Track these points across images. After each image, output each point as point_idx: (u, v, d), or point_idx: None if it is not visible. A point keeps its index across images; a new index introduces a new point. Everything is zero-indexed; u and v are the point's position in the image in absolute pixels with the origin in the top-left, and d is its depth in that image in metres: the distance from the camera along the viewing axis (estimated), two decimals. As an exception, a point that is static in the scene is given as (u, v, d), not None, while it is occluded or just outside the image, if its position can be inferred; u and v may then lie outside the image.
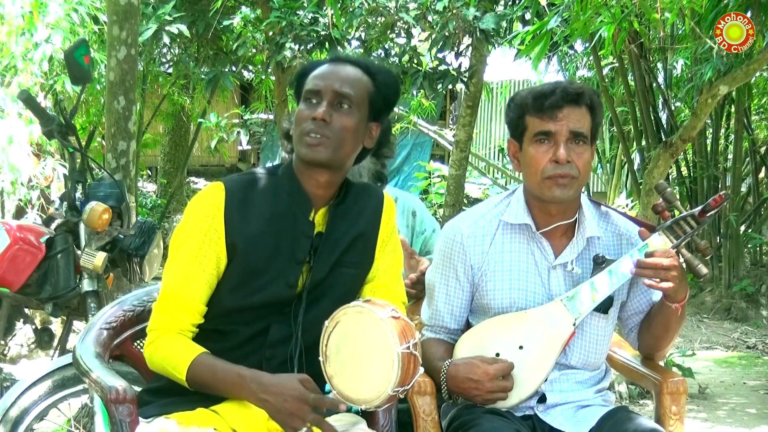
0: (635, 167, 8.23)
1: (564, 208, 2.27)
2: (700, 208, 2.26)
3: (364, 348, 1.83)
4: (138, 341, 2.31)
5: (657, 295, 2.29)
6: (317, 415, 1.83)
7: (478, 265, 2.31)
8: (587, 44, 6.91)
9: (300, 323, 2.01)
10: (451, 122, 14.45)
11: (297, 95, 2.10)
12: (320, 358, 1.89)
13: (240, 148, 14.72)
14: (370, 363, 1.82)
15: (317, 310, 2.01)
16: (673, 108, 8.25)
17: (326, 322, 1.89)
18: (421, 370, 1.87)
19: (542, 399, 2.26)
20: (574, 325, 2.23)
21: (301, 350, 2.01)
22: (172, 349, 1.97)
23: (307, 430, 1.83)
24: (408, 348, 1.81)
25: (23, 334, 4.81)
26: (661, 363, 2.49)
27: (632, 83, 7.71)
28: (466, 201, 8.83)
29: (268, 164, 2.17)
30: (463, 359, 2.25)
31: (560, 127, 2.19)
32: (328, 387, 1.91)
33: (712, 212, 2.26)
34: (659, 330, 2.33)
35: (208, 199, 2.02)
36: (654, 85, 7.68)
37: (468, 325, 2.38)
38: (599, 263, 2.25)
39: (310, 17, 5.66)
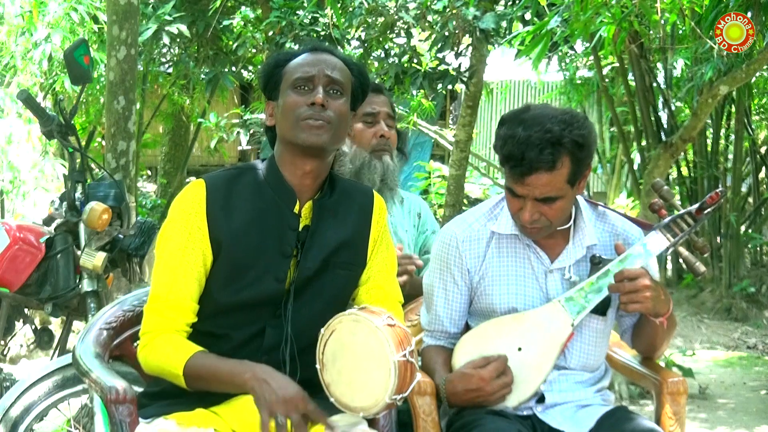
0: (635, 167, 8.23)
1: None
2: (697, 205, 2.27)
3: (360, 356, 1.83)
4: (138, 341, 2.30)
5: None
6: (312, 408, 1.82)
7: (474, 268, 2.31)
8: (587, 44, 6.91)
9: (290, 319, 2.00)
10: (451, 122, 14.44)
11: (270, 87, 2.07)
12: (317, 366, 1.89)
13: (240, 148, 14.70)
14: (367, 371, 1.82)
15: (310, 312, 2.00)
16: (673, 108, 8.24)
17: (322, 330, 1.88)
18: (419, 376, 1.87)
19: (541, 399, 2.26)
20: (572, 325, 2.23)
21: (294, 352, 1.99)
22: (168, 348, 1.96)
23: (283, 423, 1.80)
24: (404, 356, 1.81)
25: (23, 334, 4.81)
26: (661, 363, 2.49)
27: (632, 83, 7.70)
28: (466, 201, 8.82)
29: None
30: (456, 372, 2.25)
31: (527, 192, 2.15)
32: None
33: (709, 209, 2.26)
34: (648, 339, 2.35)
35: (190, 197, 2.01)
36: (654, 85, 7.67)
37: (467, 328, 2.38)
38: (596, 263, 2.25)
39: (310, 17, 5.66)
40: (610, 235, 2.34)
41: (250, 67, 8.32)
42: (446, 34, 5.55)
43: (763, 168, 9.57)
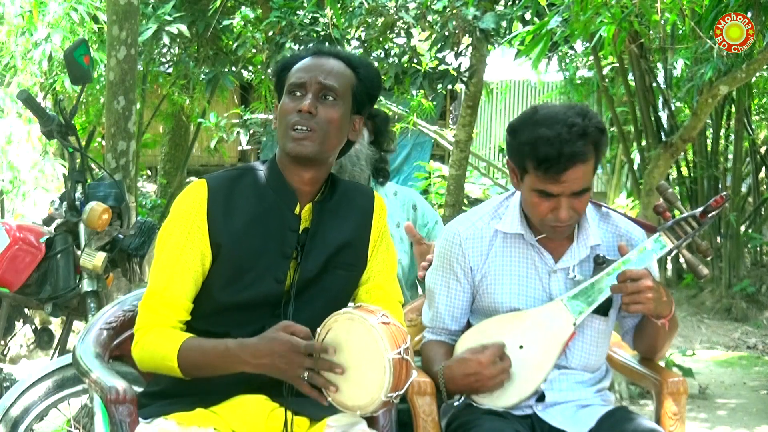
0: (635, 167, 8.23)
1: None
2: (701, 209, 2.26)
3: (356, 355, 1.84)
4: (137, 341, 2.30)
5: None
6: (315, 354, 1.82)
7: (477, 267, 2.31)
8: (587, 44, 6.90)
9: (290, 321, 2.00)
10: (451, 122, 14.44)
11: (278, 89, 2.09)
12: None
13: (240, 148, 14.68)
14: (363, 369, 1.83)
15: (311, 312, 2.00)
16: (673, 108, 8.23)
17: (318, 330, 1.88)
18: (414, 374, 1.87)
19: (541, 398, 2.26)
20: (574, 325, 2.23)
21: None
22: (159, 341, 1.96)
23: (308, 375, 1.83)
24: (399, 353, 1.81)
25: (23, 334, 4.81)
26: (662, 363, 2.49)
27: (632, 83, 7.70)
28: (466, 201, 8.81)
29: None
30: (454, 358, 2.25)
31: (563, 189, 2.15)
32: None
33: (714, 213, 2.26)
34: (649, 340, 2.35)
35: (191, 197, 2.02)
36: (654, 85, 7.67)
37: (469, 327, 2.38)
38: (599, 263, 2.25)
39: (309, 17, 5.66)
40: (613, 235, 2.34)
41: (250, 67, 8.32)
42: (446, 34, 5.55)
43: (763, 168, 9.57)
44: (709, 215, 2.26)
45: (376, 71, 2.13)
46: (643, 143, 7.87)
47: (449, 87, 5.99)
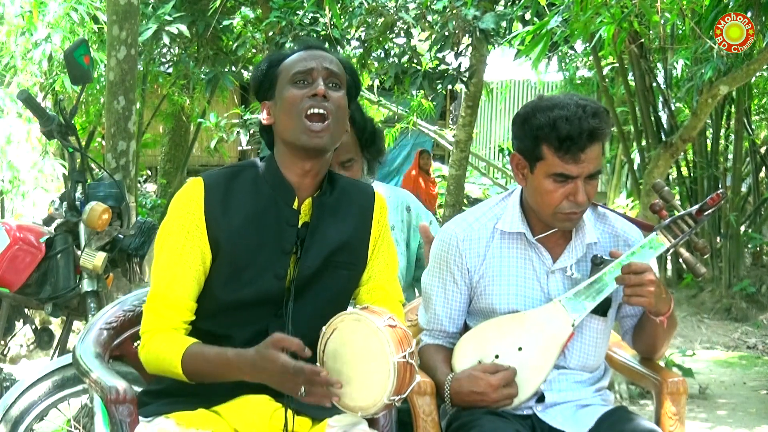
0: (635, 167, 8.23)
1: None
2: (697, 206, 2.27)
3: (360, 356, 1.84)
4: (138, 341, 2.30)
5: None
6: (305, 377, 1.80)
7: (474, 268, 2.30)
8: (587, 44, 6.91)
9: (290, 317, 1.99)
10: (451, 122, 14.44)
11: (265, 88, 2.05)
12: (317, 364, 1.89)
13: (240, 148, 14.70)
14: (367, 371, 1.83)
15: (312, 311, 2.00)
16: (673, 108, 8.24)
17: (324, 329, 1.88)
18: (418, 377, 1.87)
19: (541, 398, 2.26)
20: (572, 325, 2.23)
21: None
22: (164, 347, 1.96)
23: (305, 390, 1.82)
24: (404, 357, 1.81)
25: (23, 334, 4.81)
26: (661, 363, 2.49)
27: (632, 83, 7.70)
28: (466, 201, 8.82)
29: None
30: (465, 372, 2.25)
31: (582, 170, 2.15)
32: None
33: (710, 211, 2.26)
34: (649, 339, 2.35)
35: (188, 196, 2.01)
36: (654, 85, 7.67)
37: (466, 328, 2.38)
38: (597, 264, 2.25)
39: (309, 17, 5.66)
40: (609, 236, 2.34)
41: (250, 67, 8.33)
42: (446, 34, 5.56)
43: (763, 168, 9.58)
44: (706, 213, 2.26)
45: (355, 70, 2.15)
46: (643, 143, 7.88)
47: (449, 87, 6.00)
